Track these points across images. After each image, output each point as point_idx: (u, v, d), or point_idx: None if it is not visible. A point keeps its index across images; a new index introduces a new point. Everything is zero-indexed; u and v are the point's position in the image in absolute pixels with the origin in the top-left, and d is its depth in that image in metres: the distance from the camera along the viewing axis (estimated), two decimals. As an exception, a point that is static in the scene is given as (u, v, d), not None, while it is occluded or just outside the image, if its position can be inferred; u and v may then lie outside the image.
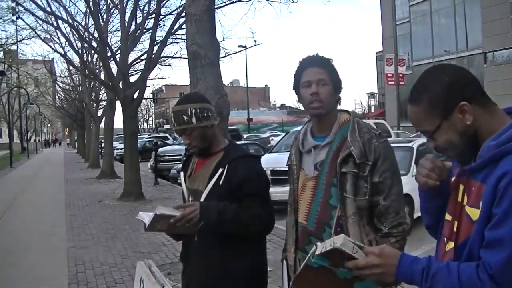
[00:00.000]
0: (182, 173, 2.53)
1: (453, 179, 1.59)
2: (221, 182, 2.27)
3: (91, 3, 13.19)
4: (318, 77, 2.19)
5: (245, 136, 29.38)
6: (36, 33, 17.93)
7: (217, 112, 5.26)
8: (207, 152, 2.39)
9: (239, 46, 28.50)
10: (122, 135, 14.54)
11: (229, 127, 7.02)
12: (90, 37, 16.01)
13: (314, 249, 1.55)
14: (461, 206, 1.49)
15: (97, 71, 20.18)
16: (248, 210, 2.23)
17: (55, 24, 15.29)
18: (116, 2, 15.03)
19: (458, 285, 1.36)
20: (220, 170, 2.28)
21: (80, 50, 18.96)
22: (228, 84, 76.06)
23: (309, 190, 2.22)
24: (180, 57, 16.32)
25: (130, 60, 14.81)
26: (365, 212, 2.13)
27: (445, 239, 1.53)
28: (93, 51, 18.39)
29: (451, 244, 1.51)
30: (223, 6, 13.37)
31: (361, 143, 2.13)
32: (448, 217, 1.57)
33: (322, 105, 2.19)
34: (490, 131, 1.44)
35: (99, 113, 23.67)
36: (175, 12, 13.95)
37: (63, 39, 17.98)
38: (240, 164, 2.28)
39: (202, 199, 2.30)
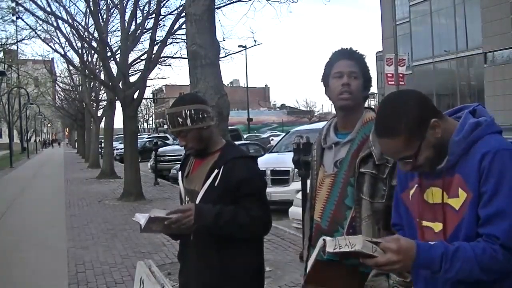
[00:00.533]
0: (180, 173, 2.53)
1: (411, 191, 1.70)
2: (216, 183, 2.26)
3: (91, 3, 13.18)
4: (350, 69, 2.16)
5: (245, 136, 29.38)
6: (36, 33, 17.92)
7: (217, 112, 5.29)
8: (204, 153, 2.39)
9: (239, 46, 28.46)
10: (122, 135, 14.54)
11: (229, 127, 7.01)
12: (90, 37, 16.00)
13: (322, 244, 1.56)
14: (443, 204, 1.59)
15: (97, 71, 20.17)
16: (246, 212, 2.22)
17: (55, 24, 15.28)
18: (116, 2, 15.03)
19: (474, 258, 1.46)
20: (216, 171, 2.27)
21: (80, 50, 18.94)
22: (228, 84, 75.99)
23: (326, 187, 2.19)
24: (180, 57, 16.32)
25: (130, 60, 14.81)
26: (381, 216, 2.06)
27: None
28: (93, 51, 18.39)
29: None
30: (223, 6, 13.37)
31: (378, 151, 2.05)
32: (426, 223, 1.65)
33: (352, 97, 2.15)
34: (450, 133, 1.60)
35: (99, 113, 23.67)
36: (175, 12, 13.95)
37: (63, 39, 17.98)
38: (237, 165, 2.27)
39: (197, 200, 2.30)
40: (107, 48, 13.77)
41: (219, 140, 2.42)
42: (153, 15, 13.26)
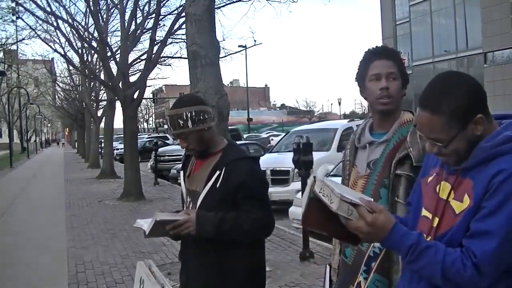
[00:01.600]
0: (181, 173, 2.53)
1: (429, 178, 1.66)
2: (218, 185, 2.25)
3: (91, 3, 13.19)
4: (388, 70, 2.05)
5: (245, 136, 29.38)
6: (36, 33, 17.95)
7: (217, 112, 5.29)
8: (206, 153, 2.38)
9: (239, 46, 28.44)
10: (122, 135, 14.55)
11: (229, 127, 7.02)
12: (90, 37, 16.00)
13: (312, 182, 1.55)
14: (445, 201, 1.55)
15: (97, 71, 20.17)
16: (248, 216, 2.21)
17: (55, 24, 15.28)
18: (116, 2, 15.03)
19: (440, 265, 1.44)
20: (218, 172, 2.26)
21: (80, 50, 18.96)
22: (228, 84, 75.97)
23: (358, 189, 2.07)
24: (180, 57, 16.32)
25: (130, 60, 14.81)
26: None
27: (424, 234, 1.57)
28: (93, 51, 18.39)
29: (428, 238, 1.56)
30: (223, 6, 13.40)
31: (421, 146, 1.93)
32: (426, 213, 1.62)
33: (392, 101, 2.05)
34: (487, 135, 1.51)
35: (99, 113, 23.67)
36: (175, 12, 13.96)
37: (63, 39, 18.00)
38: (238, 167, 2.25)
39: (199, 201, 2.29)
40: (107, 48, 13.77)
41: (220, 141, 2.41)
42: (153, 15, 13.26)
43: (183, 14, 10.37)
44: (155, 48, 12.71)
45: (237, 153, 2.34)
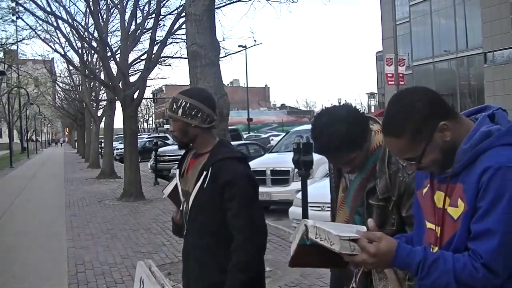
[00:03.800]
0: (177, 171, 2.53)
1: (424, 190, 1.68)
2: (205, 185, 2.24)
3: (91, 3, 13.19)
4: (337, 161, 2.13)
5: (245, 136, 29.37)
6: (36, 33, 17.96)
7: (217, 112, 5.29)
8: (187, 146, 2.41)
9: (239, 46, 28.47)
10: (122, 135, 14.55)
11: (229, 127, 7.02)
12: (90, 37, 16.01)
13: (304, 230, 1.54)
14: (443, 210, 1.56)
15: (97, 71, 20.17)
16: (234, 268, 2.14)
17: (55, 24, 15.30)
18: (116, 2, 15.03)
19: (452, 273, 1.44)
20: (205, 172, 2.26)
21: (80, 50, 18.95)
22: (228, 84, 75.95)
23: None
24: (180, 57, 16.33)
25: (130, 60, 14.82)
26: None
27: (431, 245, 1.59)
28: (93, 51, 18.39)
29: (435, 249, 1.57)
30: (223, 6, 13.39)
31: (388, 175, 1.99)
32: (430, 225, 1.63)
33: (352, 169, 2.12)
34: (462, 138, 1.54)
35: (99, 113, 23.68)
36: (175, 12, 13.97)
37: (63, 39, 17.99)
38: (224, 167, 2.23)
39: (190, 201, 2.30)
40: (107, 48, 13.77)
41: (212, 141, 2.37)
42: (153, 15, 13.26)
43: (183, 14, 10.37)
44: (155, 48, 12.71)
45: (223, 152, 2.30)
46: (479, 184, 1.45)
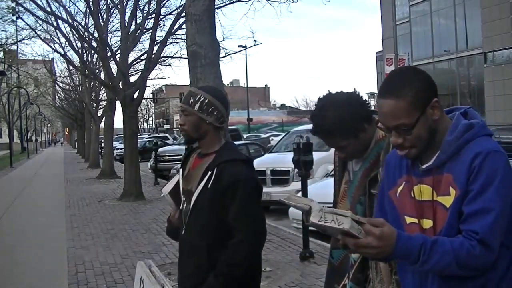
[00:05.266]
0: (180, 171, 2.51)
1: (399, 188, 1.72)
2: (209, 186, 2.24)
3: (91, 3, 13.20)
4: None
5: (245, 136, 29.38)
6: (36, 33, 17.97)
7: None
8: (193, 141, 2.38)
9: (239, 46, 28.44)
10: (122, 135, 14.55)
11: (229, 127, 7.02)
12: (90, 37, 16.01)
13: (308, 209, 1.54)
14: (433, 202, 1.62)
15: (97, 71, 20.19)
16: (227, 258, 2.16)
17: (55, 24, 15.30)
18: (116, 2, 15.03)
19: (452, 252, 1.49)
20: (209, 172, 2.25)
21: (80, 50, 18.96)
22: (228, 84, 76.01)
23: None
24: (180, 57, 16.34)
25: (130, 60, 14.82)
26: None
27: None
28: (93, 51, 18.39)
29: None
30: (223, 6, 13.39)
31: (384, 150, 2.03)
32: (411, 220, 1.68)
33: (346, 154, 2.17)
34: (444, 128, 1.63)
35: (99, 113, 23.68)
36: (175, 12, 13.96)
37: (63, 39, 18.02)
38: (229, 169, 2.22)
39: (192, 201, 2.29)
40: (107, 48, 13.77)
41: (218, 142, 2.37)
42: (153, 15, 13.27)
43: (183, 14, 10.37)
44: (155, 48, 12.72)
45: (230, 154, 2.30)
46: (471, 168, 1.53)
